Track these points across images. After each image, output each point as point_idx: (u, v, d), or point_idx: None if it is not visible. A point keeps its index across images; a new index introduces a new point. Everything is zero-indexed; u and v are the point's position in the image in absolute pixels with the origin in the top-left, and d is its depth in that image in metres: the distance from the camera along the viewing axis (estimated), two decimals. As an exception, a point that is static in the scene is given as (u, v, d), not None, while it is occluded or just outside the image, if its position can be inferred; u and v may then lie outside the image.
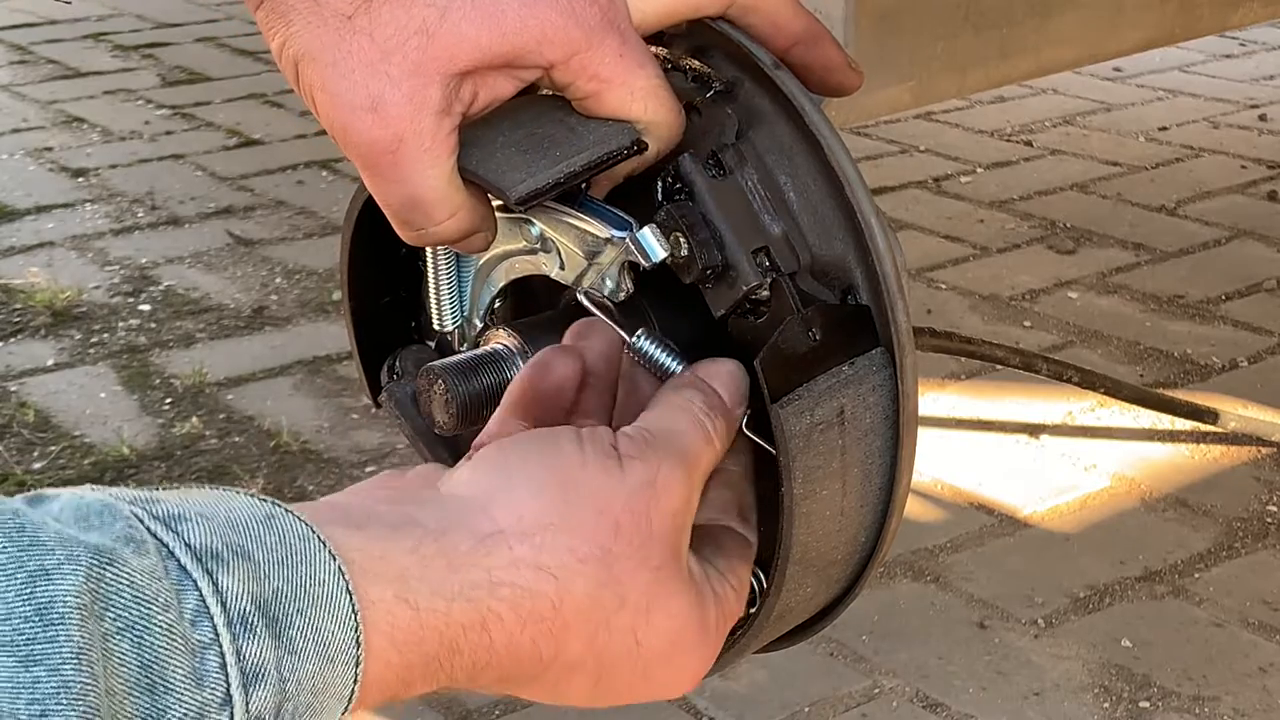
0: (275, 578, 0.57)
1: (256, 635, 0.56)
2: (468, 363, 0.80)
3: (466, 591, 0.63)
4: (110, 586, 0.52)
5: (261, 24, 0.75)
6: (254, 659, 0.56)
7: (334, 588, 0.59)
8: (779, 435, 0.72)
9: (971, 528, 2.17)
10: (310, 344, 2.77)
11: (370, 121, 0.72)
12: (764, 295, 0.75)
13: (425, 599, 0.62)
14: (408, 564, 0.62)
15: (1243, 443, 2.36)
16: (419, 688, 0.63)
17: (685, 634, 0.71)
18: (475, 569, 0.64)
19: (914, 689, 1.83)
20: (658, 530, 0.69)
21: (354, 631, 0.59)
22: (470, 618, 0.63)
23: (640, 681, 0.71)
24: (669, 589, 0.70)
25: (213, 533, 0.57)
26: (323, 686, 0.58)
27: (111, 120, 4.08)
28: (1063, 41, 1.76)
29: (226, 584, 0.56)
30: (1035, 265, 3.06)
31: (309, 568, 0.58)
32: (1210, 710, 1.80)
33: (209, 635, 0.54)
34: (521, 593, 0.64)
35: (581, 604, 0.66)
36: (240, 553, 0.57)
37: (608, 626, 0.68)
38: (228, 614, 0.55)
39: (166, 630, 0.53)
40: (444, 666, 0.63)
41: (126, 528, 0.55)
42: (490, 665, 0.65)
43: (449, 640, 0.62)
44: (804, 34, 0.80)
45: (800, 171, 0.76)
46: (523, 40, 0.73)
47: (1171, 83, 4.30)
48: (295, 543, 0.59)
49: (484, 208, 0.77)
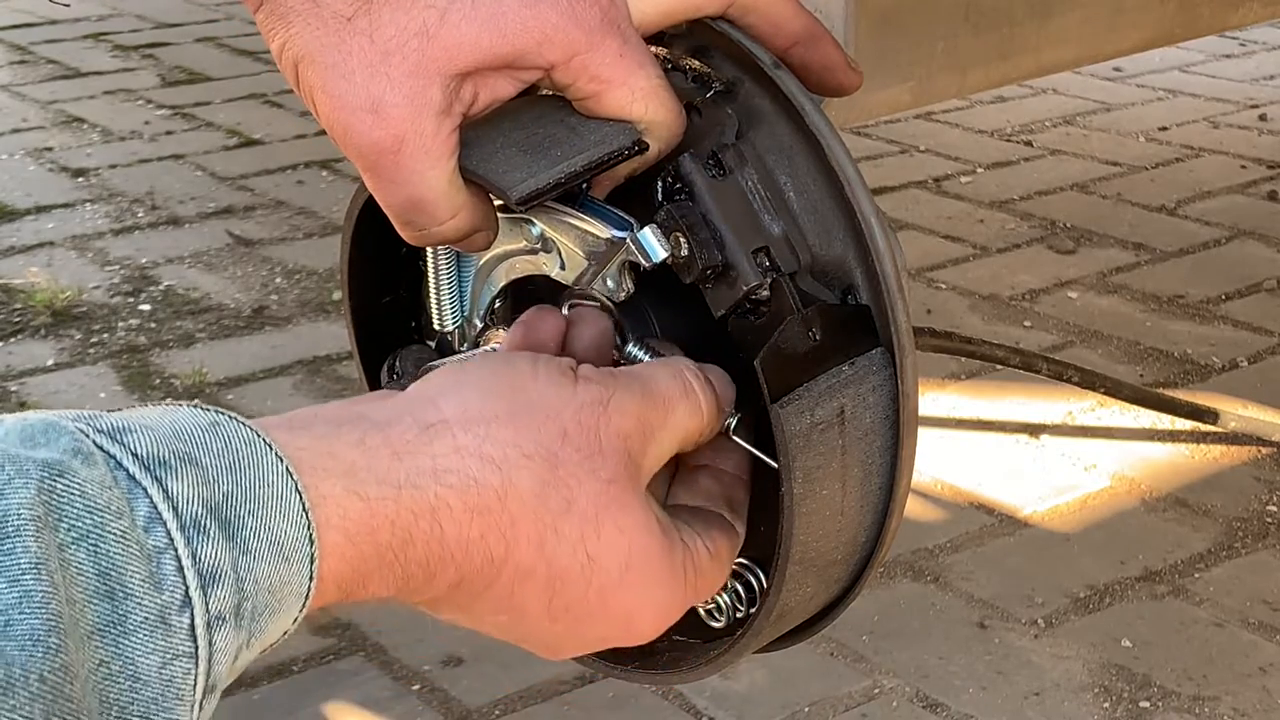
0: (224, 481, 0.58)
1: (210, 537, 0.56)
2: (468, 363, 0.80)
3: (413, 479, 0.64)
4: (62, 498, 0.53)
5: (261, 26, 0.75)
6: (210, 560, 0.56)
7: (283, 487, 0.60)
8: (779, 435, 0.72)
9: (971, 528, 2.17)
10: (310, 344, 2.77)
11: (371, 123, 0.73)
12: (764, 295, 0.75)
13: (374, 489, 0.62)
14: (354, 457, 0.63)
15: (1243, 443, 2.36)
16: (375, 585, 0.63)
17: (642, 558, 0.70)
18: (420, 455, 0.64)
19: (914, 689, 1.83)
20: (607, 446, 0.69)
21: (306, 529, 0.60)
22: (419, 504, 0.63)
23: (598, 605, 0.70)
24: (621, 503, 0.69)
25: (158, 442, 0.57)
26: (280, 584, 0.59)
27: (111, 120, 4.08)
28: (1063, 41, 1.76)
29: (176, 489, 0.56)
30: (1035, 265, 3.06)
31: (256, 470, 0.59)
32: (1210, 710, 1.80)
33: (163, 540, 0.55)
34: (467, 480, 0.65)
35: (527, 500, 0.66)
36: (187, 459, 0.57)
37: (556, 532, 0.67)
38: (180, 518, 0.56)
39: (121, 537, 0.54)
40: (399, 559, 0.63)
41: (72, 442, 0.55)
42: (444, 561, 0.65)
43: (402, 529, 0.63)
44: (803, 34, 0.80)
45: (800, 171, 0.76)
46: (523, 41, 0.73)
47: (1171, 83, 4.30)
48: (241, 446, 0.59)
49: (485, 206, 0.78)
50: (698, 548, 0.74)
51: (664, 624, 0.74)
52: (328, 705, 1.81)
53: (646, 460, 0.72)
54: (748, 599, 0.79)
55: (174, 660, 0.55)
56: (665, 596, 0.73)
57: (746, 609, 0.79)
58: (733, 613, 0.79)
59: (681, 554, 0.73)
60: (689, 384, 0.74)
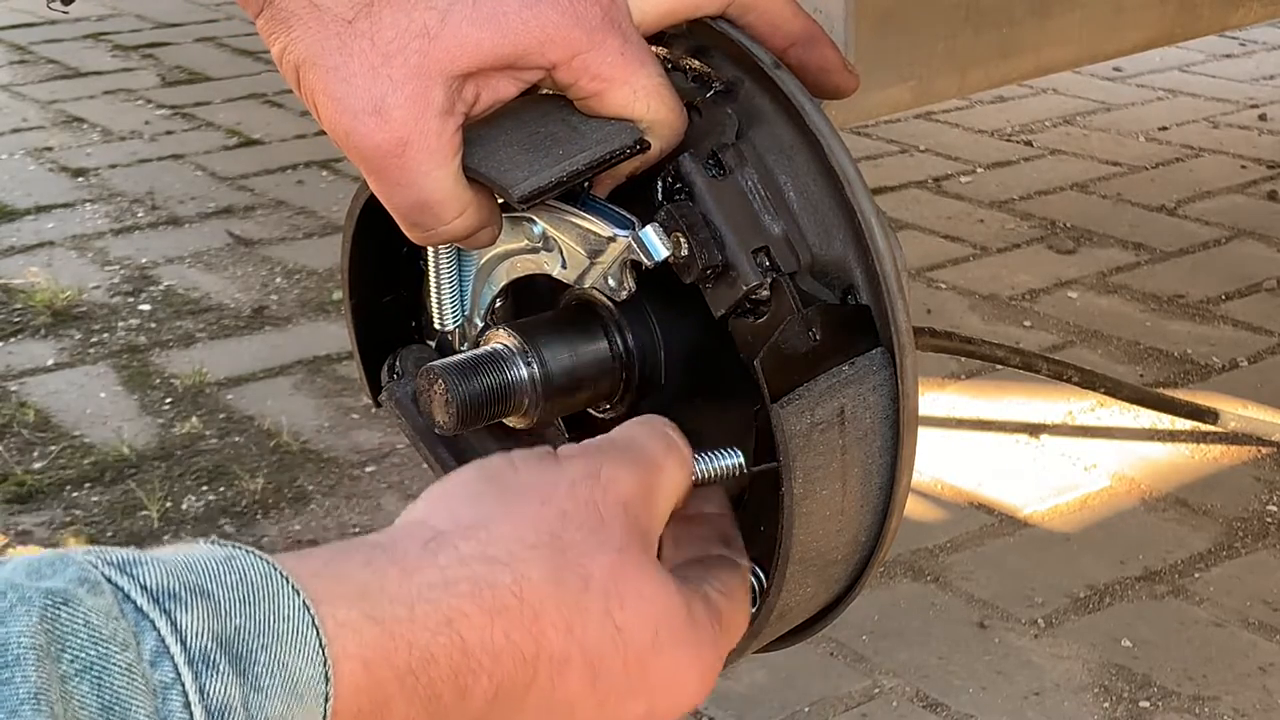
0: (237, 614, 0.56)
1: (220, 673, 0.54)
2: (468, 363, 0.80)
3: (424, 593, 0.62)
4: (65, 626, 0.52)
5: (262, 31, 0.74)
6: (219, 697, 0.54)
7: (299, 621, 0.58)
8: (779, 435, 0.72)
9: (971, 528, 2.17)
10: (310, 344, 2.77)
11: (374, 125, 0.72)
12: (764, 295, 0.75)
13: (387, 609, 0.61)
14: (365, 578, 0.61)
15: (1243, 443, 2.36)
16: (401, 711, 0.61)
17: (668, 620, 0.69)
18: (427, 570, 0.63)
19: (914, 689, 1.83)
20: (609, 516, 0.68)
21: (322, 666, 0.58)
22: (435, 619, 0.61)
23: (639, 677, 0.68)
24: (636, 568, 0.68)
25: (169, 573, 0.56)
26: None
27: (111, 120, 4.08)
28: (1063, 41, 1.76)
29: (185, 622, 0.54)
30: (1035, 265, 3.06)
31: (271, 603, 0.57)
32: (1210, 710, 1.80)
33: (170, 675, 0.53)
34: (479, 585, 0.63)
35: (544, 590, 0.65)
36: (199, 591, 0.56)
37: (581, 611, 0.66)
38: (188, 652, 0.54)
39: (126, 670, 0.52)
40: (420, 680, 0.61)
41: (79, 572, 0.54)
42: (474, 672, 0.63)
43: (420, 648, 0.61)
44: (801, 34, 0.80)
45: (800, 171, 0.76)
46: (525, 41, 0.73)
47: (1171, 83, 4.30)
48: (255, 579, 0.57)
49: (490, 203, 0.78)
50: (712, 595, 0.73)
51: (710, 679, 0.72)
52: (328, 705, 1.81)
53: (653, 523, 0.71)
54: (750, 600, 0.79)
55: None
56: (700, 653, 0.71)
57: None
58: (733, 612, 0.79)
59: (701, 607, 0.72)
60: (670, 439, 0.73)
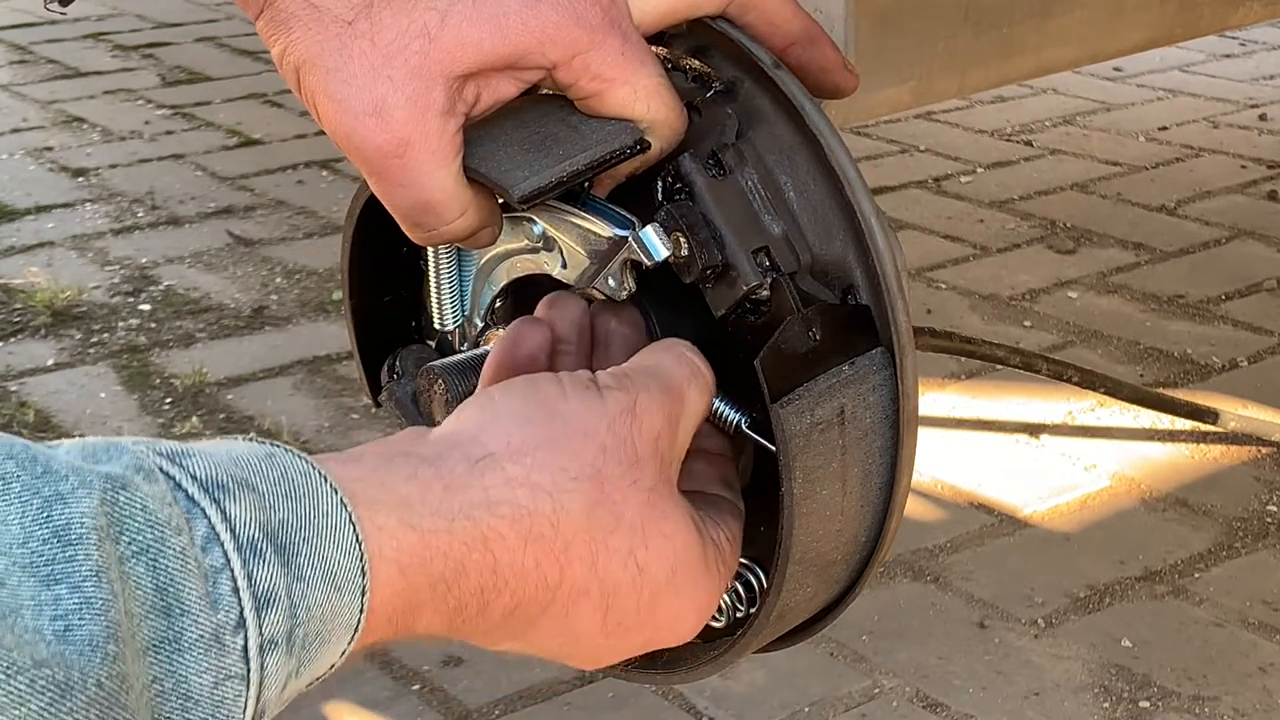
0: (280, 508, 0.58)
1: (266, 561, 0.57)
2: (468, 362, 0.80)
3: (466, 510, 0.64)
4: (124, 510, 0.53)
5: (262, 33, 0.75)
6: (265, 584, 0.56)
7: (337, 518, 0.60)
8: (779, 435, 0.72)
9: (971, 528, 2.17)
10: (310, 344, 2.77)
11: (375, 126, 0.73)
12: (764, 295, 0.75)
13: (427, 521, 0.63)
14: (408, 490, 0.63)
15: (1243, 443, 2.36)
16: (428, 617, 0.64)
17: (685, 560, 0.71)
18: (472, 489, 0.65)
19: (914, 689, 1.83)
20: (643, 453, 0.70)
21: (359, 560, 0.60)
22: (472, 535, 0.64)
23: (648, 614, 0.71)
24: (662, 511, 0.70)
25: (217, 466, 0.58)
26: (331, 614, 0.59)
27: (111, 120, 4.08)
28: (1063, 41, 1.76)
29: (234, 512, 0.56)
30: (1035, 265, 3.06)
31: (312, 500, 0.59)
32: (1210, 710, 1.80)
33: (220, 560, 0.55)
34: (519, 510, 0.65)
35: (579, 523, 0.67)
36: (245, 484, 0.58)
37: (607, 548, 0.68)
38: (237, 540, 0.56)
39: (180, 554, 0.54)
40: (452, 590, 0.63)
41: (134, 460, 0.56)
42: (498, 590, 0.65)
43: (455, 560, 0.63)
44: (801, 34, 0.80)
45: (800, 171, 0.76)
46: (525, 41, 0.73)
47: (1171, 83, 4.30)
48: (297, 477, 0.60)
49: (491, 202, 0.78)
50: (720, 538, 0.75)
51: (703, 621, 0.75)
52: (328, 705, 1.81)
53: (675, 454, 0.73)
54: (748, 599, 0.79)
55: (226, 681, 0.55)
56: (706, 594, 0.74)
57: (747, 609, 0.79)
58: (733, 613, 0.79)
59: (712, 550, 0.74)
60: (694, 364, 0.75)
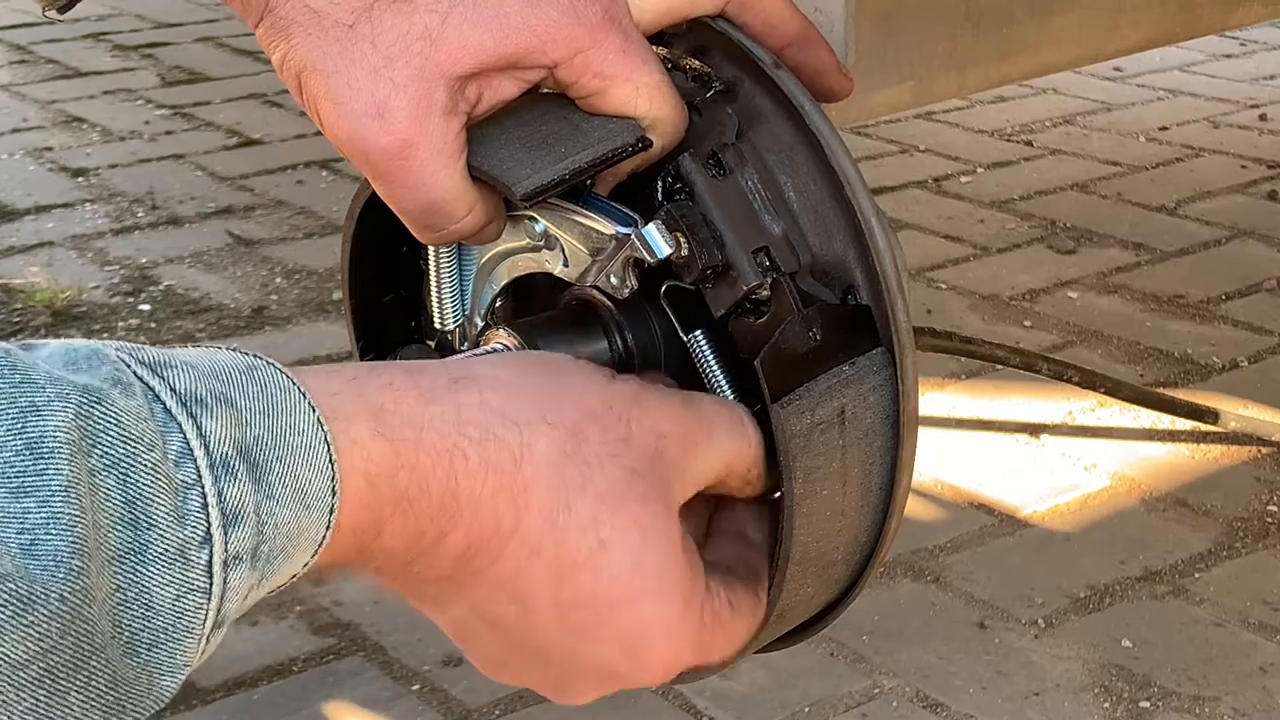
0: (256, 425, 0.59)
1: (237, 478, 0.57)
2: (468, 362, 0.80)
3: (435, 423, 0.64)
4: (98, 424, 0.54)
5: (261, 39, 0.75)
6: (234, 501, 0.57)
7: (312, 438, 0.60)
8: (779, 435, 0.72)
9: (971, 528, 2.17)
10: (310, 344, 2.77)
11: (378, 128, 0.73)
12: (764, 295, 0.75)
13: (398, 430, 0.63)
14: (382, 399, 0.64)
15: (1243, 443, 2.36)
16: (389, 534, 0.64)
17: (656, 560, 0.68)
18: (446, 403, 0.65)
19: (914, 689, 1.83)
20: (636, 436, 0.69)
21: (330, 480, 0.61)
22: (439, 449, 0.64)
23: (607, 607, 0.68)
24: (641, 497, 0.68)
25: (197, 380, 0.58)
26: (298, 531, 0.60)
27: (111, 120, 4.08)
28: (1063, 41, 1.76)
29: (210, 428, 0.57)
30: (1035, 265, 3.06)
31: (289, 417, 0.60)
32: (1210, 710, 1.80)
33: (192, 476, 0.56)
34: (487, 434, 0.65)
35: (542, 466, 0.66)
36: (223, 399, 0.58)
37: (568, 508, 0.66)
38: (210, 456, 0.57)
39: (151, 469, 0.55)
40: (414, 506, 0.64)
41: (114, 370, 0.56)
42: (455, 517, 0.65)
43: (421, 474, 0.63)
44: (797, 35, 0.80)
45: (800, 171, 0.77)
46: (526, 41, 0.73)
47: (1171, 82, 4.30)
48: (276, 392, 0.60)
49: (496, 198, 0.78)
50: (719, 593, 0.73)
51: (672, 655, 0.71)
52: (328, 705, 1.81)
53: (686, 472, 0.71)
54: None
55: (188, 594, 0.56)
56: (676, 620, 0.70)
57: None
58: (733, 612, 0.79)
59: (702, 589, 0.71)
60: (739, 415, 0.74)
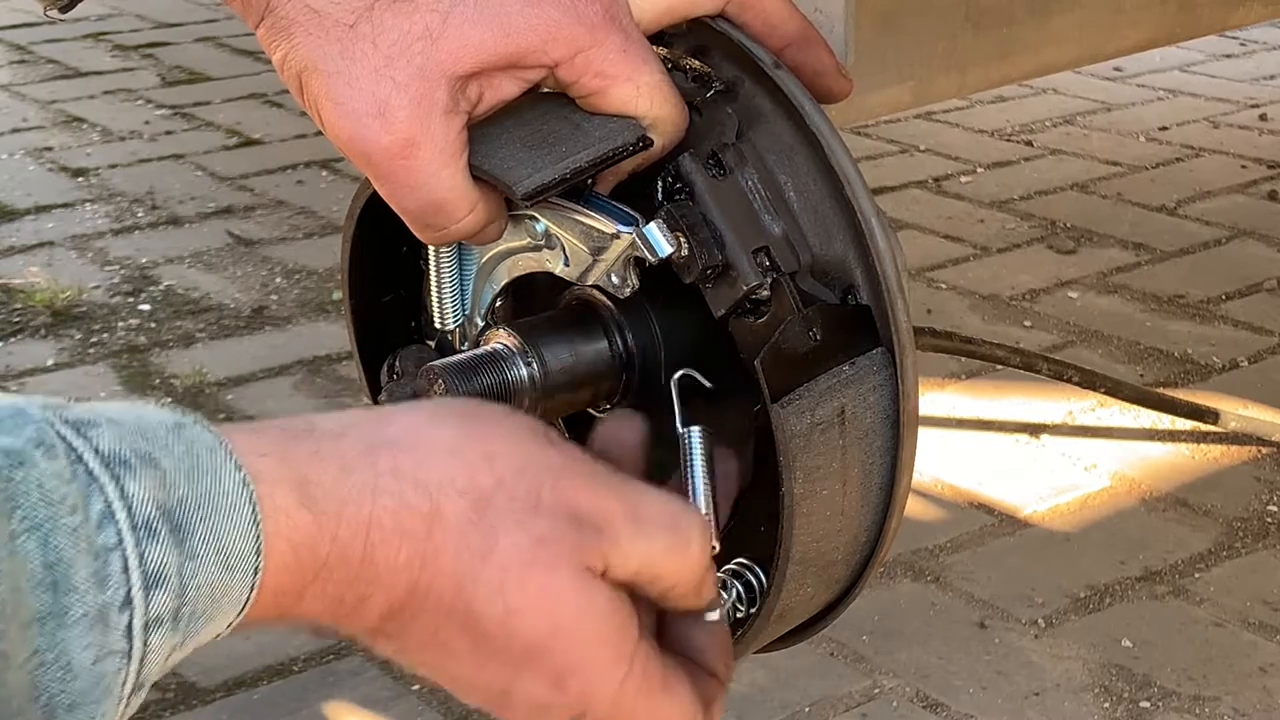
0: (181, 485, 0.59)
1: (160, 540, 0.57)
2: (468, 362, 0.80)
3: (354, 495, 0.64)
4: (20, 487, 0.54)
5: (262, 40, 0.75)
6: (156, 563, 0.57)
7: (237, 497, 0.60)
8: (779, 435, 0.72)
9: (971, 528, 2.17)
10: (310, 344, 2.77)
11: (379, 127, 0.73)
12: (764, 295, 0.75)
13: (320, 503, 0.63)
14: (307, 470, 0.63)
15: (1243, 443, 2.36)
16: (310, 601, 0.64)
17: (575, 623, 0.67)
18: (364, 471, 0.65)
19: (914, 689, 1.83)
20: (546, 506, 0.67)
21: (255, 541, 0.60)
22: (357, 521, 0.64)
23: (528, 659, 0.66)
24: (548, 566, 0.66)
25: (121, 439, 0.58)
26: (221, 592, 0.60)
27: (111, 120, 4.08)
28: (1063, 41, 1.76)
29: (133, 490, 0.57)
30: (1035, 265, 3.06)
31: (214, 476, 0.60)
32: (1210, 710, 1.80)
33: (113, 538, 0.56)
34: (400, 503, 0.65)
35: (450, 533, 0.65)
36: (148, 460, 0.58)
37: (473, 577, 0.66)
38: (133, 518, 0.57)
39: (72, 532, 0.55)
40: (334, 575, 0.63)
41: (37, 431, 0.56)
42: (373, 584, 0.64)
43: (340, 544, 0.63)
44: (797, 36, 0.80)
45: (800, 171, 0.77)
46: (527, 40, 0.73)
47: (1171, 82, 4.30)
48: (202, 452, 0.60)
49: (498, 197, 0.78)
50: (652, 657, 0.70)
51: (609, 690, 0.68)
52: (328, 705, 1.81)
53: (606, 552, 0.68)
54: (748, 599, 0.79)
55: (108, 657, 0.56)
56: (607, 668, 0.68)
57: (747, 609, 0.79)
58: (733, 613, 0.79)
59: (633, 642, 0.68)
60: (686, 520, 0.70)
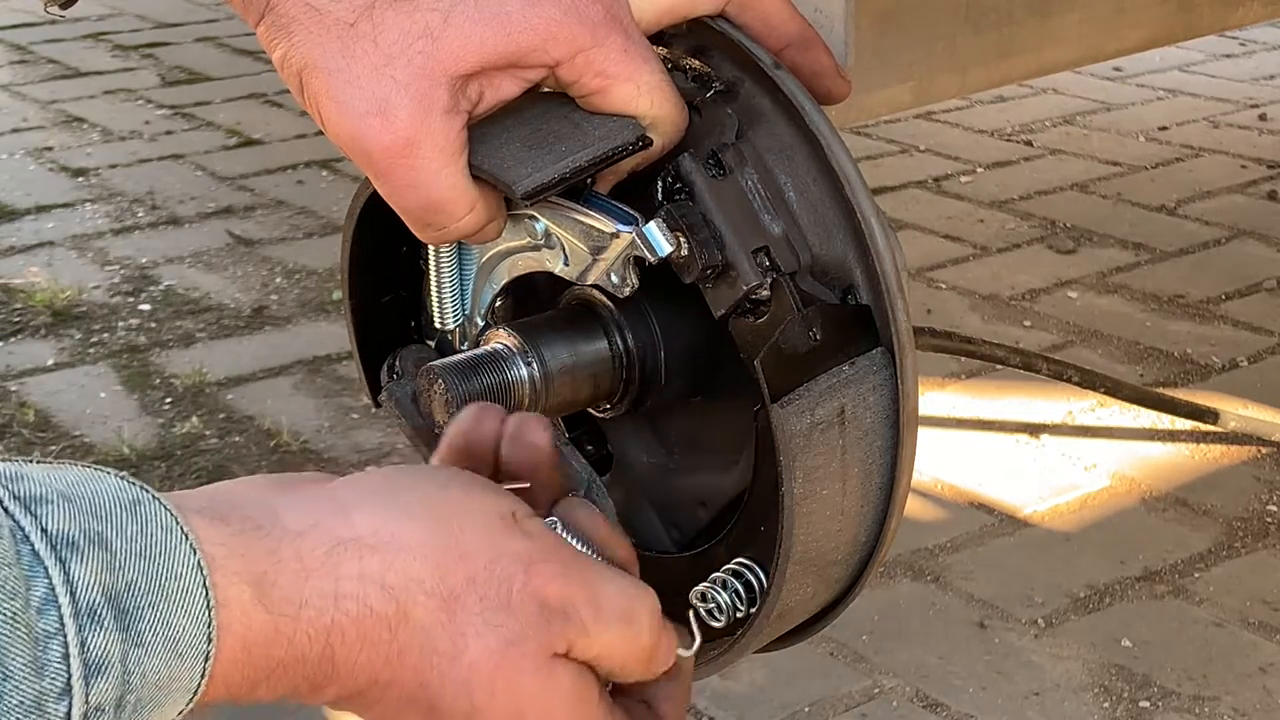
0: (131, 569, 0.57)
1: (104, 627, 0.56)
2: (468, 362, 0.80)
3: (314, 600, 0.62)
4: None
5: (262, 38, 0.74)
6: (99, 650, 0.56)
7: (191, 583, 0.59)
8: (779, 435, 0.72)
9: (971, 528, 2.17)
10: (310, 344, 2.77)
11: (379, 126, 0.72)
12: (764, 295, 0.75)
13: (278, 604, 0.62)
14: (266, 567, 0.62)
15: (1243, 443, 2.36)
16: (263, 691, 0.63)
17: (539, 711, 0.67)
18: (325, 577, 0.63)
19: (914, 689, 1.83)
20: (516, 603, 0.66)
21: (206, 628, 0.59)
22: (316, 627, 0.62)
23: None
24: (518, 668, 0.66)
25: (72, 518, 0.57)
26: (168, 680, 0.58)
27: (111, 120, 4.08)
28: (1063, 41, 1.76)
29: (78, 573, 0.56)
30: (1035, 265, 3.06)
31: (167, 559, 0.58)
32: (1210, 710, 1.80)
33: (54, 625, 0.55)
34: (364, 609, 0.63)
35: (416, 634, 0.65)
36: (98, 540, 0.57)
37: (440, 675, 0.65)
38: (76, 604, 0.56)
39: (10, 618, 0.54)
40: (288, 673, 0.63)
41: None
42: (331, 680, 0.64)
43: (297, 647, 0.62)
44: (796, 37, 0.80)
45: (800, 171, 0.76)
46: (528, 40, 0.73)
47: (1171, 82, 4.30)
48: (157, 533, 0.59)
49: (497, 196, 0.78)
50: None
51: None
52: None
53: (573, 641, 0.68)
54: (748, 599, 0.79)
55: None
56: None
57: (747, 609, 0.79)
58: (733, 612, 0.79)
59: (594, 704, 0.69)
60: (638, 605, 0.70)
